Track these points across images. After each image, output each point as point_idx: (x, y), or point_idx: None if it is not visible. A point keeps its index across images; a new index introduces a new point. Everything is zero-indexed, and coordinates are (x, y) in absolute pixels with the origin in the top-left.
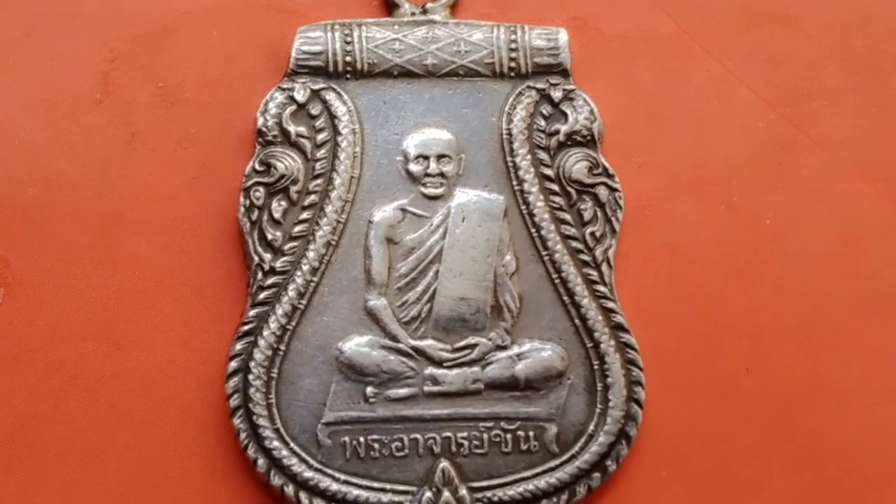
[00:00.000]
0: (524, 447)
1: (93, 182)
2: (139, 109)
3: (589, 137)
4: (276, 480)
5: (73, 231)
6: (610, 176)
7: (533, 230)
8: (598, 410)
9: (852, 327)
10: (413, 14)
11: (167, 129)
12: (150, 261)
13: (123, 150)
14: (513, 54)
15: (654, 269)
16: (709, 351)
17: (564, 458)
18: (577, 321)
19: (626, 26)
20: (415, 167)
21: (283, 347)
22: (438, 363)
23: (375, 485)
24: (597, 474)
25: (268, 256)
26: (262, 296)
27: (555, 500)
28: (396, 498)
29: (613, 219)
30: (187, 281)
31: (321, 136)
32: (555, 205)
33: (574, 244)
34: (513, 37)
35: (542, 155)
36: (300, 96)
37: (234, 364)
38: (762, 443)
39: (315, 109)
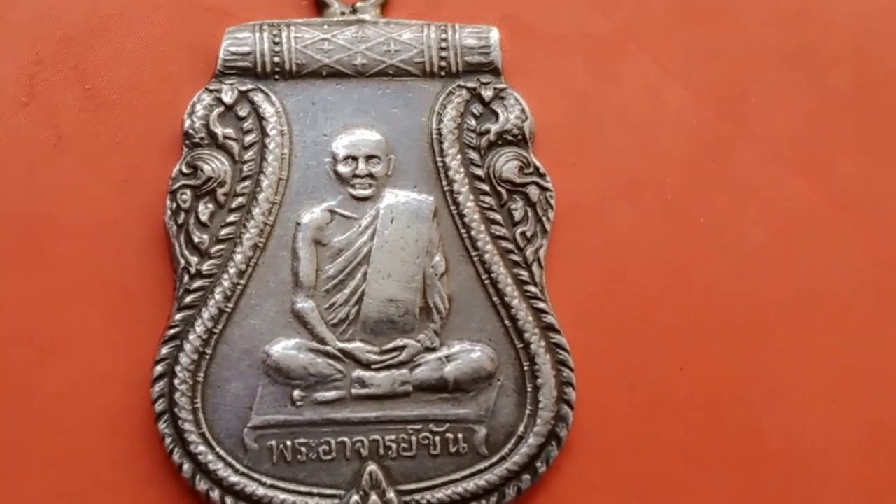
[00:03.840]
0: (453, 449)
1: (18, 185)
2: (66, 112)
3: (520, 137)
4: (202, 485)
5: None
6: (541, 175)
7: (463, 230)
8: (528, 412)
9: (787, 326)
10: (343, 14)
11: (94, 131)
12: (76, 265)
13: (50, 152)
14: (443, 53)
15: (587, 269)
16: (642, 351)
17: (494, 459)
18: (507, 322)
19: (559, 24)
20: (343, 168)
21: (209, 351)
22: (366, 365)
23: (302, 489)
24: (526, 476)
25: (194, 260)
26: (188, 299)
27: (484, 502)
28: (323, 502)
29: (544, 218)
30: (114, 285)
31: (249, 138)
32: (485, 205)
33: (504, 244)
34: (443, 35)
35: (473, 154)
36: (228, 98)
37: (159, 368)
38: (695, 443)
39: (243, 111)
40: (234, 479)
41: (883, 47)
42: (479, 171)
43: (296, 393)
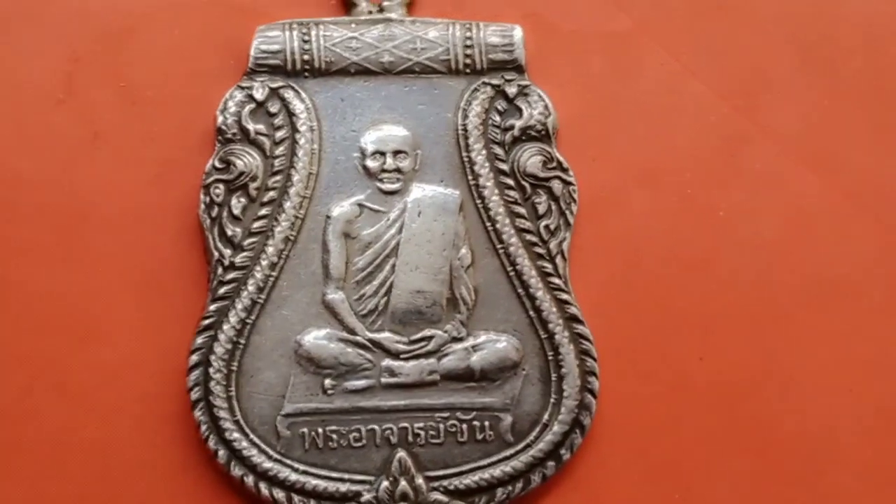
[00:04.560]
0: (480, 437)
1: (56, 180)
2: (102, 109)
3: (543, 132)
4: (237, 471)
5: (37, 229)
6: (564, 170)
7: (488, 224)
8: (552, 400)
9: (803, 316)
10: (370, 12)
11: (129, 127)
12: (113, 257)
13: (86, 148)
14: (468, 51)
15: (608, 260)
16: (662, 341)
17: (519, 447)
18: (531, 313)
19: (580, 21)
20: (371, 163)
21: (242, 341)
22: (395, 355)
23: (334, 475)
24: (551, 463)
25: (227, 252)
26: (221, 290)
27: (510, 488)
28: (354, 487)
29: (567, 212)
30: (149, 277)
31: (280, 134)
32: (510, 199)
33: (529, 237)
34: (468, 34)
35: (498, 150)
36: (259, 94)
37: (194, 358)
38: (714, 430)
39: (274, 107)
40: (267, 465)
41: (894, 41)
42: (504, 166)
43: (327, 382)
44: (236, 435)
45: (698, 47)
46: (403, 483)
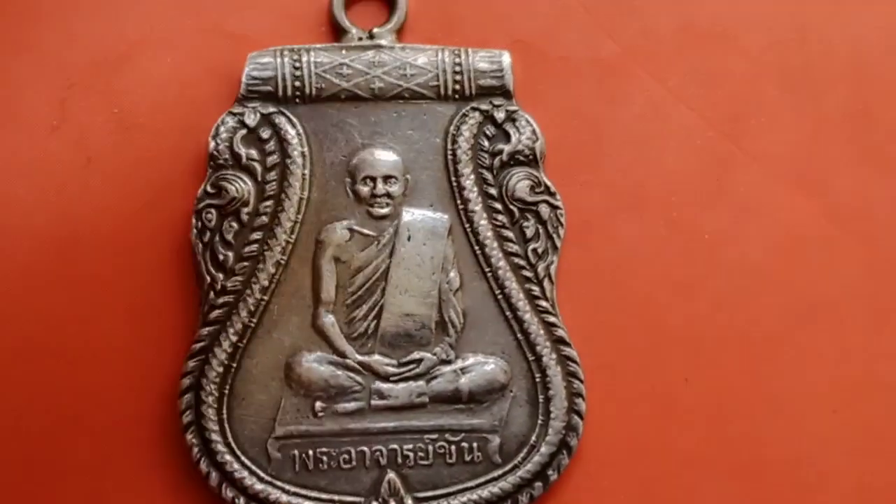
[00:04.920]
0: (468, 458)
1: (49, 205)
2: (95, 135)
3: (531, 157)
4: (228, 493)
5: (31, 253)
6: (552, 194)
7: (477, 248)
8: (539, 422)
9: (789, 339)
10: (360, 39)
11: (122, 153)
12: (105, 281)
13: (79, 174)
14: (457, 77)
15: (595, 283)
16: (648, 363)
17: (507, 468)
18: (519, 335)
19: (568, 48)
20: (362, 188)
21: (234, 364)
22: (385, 378)
23: (324, 496)
24: (539, 484)
25: (219, 276)
26: (213, 315)
27: None
28: None
29: (555, 235)
30: (141, 301)
31: (271, 159)
32: (498, 223)
33: (517, 261)
34: (457, 60)
35: (486, 174)
36: (250, 121)
37: (186, 381)
38: (700, 451)
39: (265, 133)
40: (258, 486)
41: (879, 68)
42: (493, 191)
43: (317, 404)
44: (228, 457)
45: (685, 73)
46: None
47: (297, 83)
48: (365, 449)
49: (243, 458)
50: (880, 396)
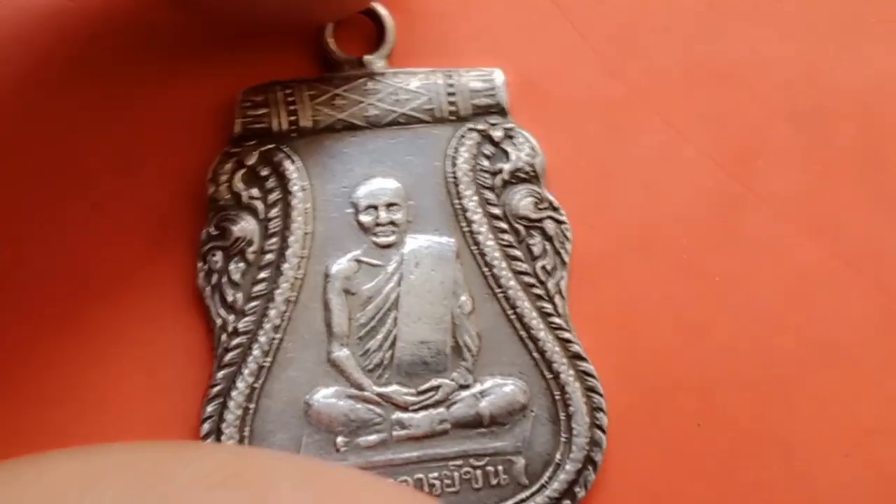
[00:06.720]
0: (494, 482)
1: (54, 250)
2: (98, 179)
3: (532, 173)
4: None
5: (39, 301)
6: (555, 209)
7: (485, 269)
8: (563, 439)
9: (801, 381)
10: (351, 67)
11: (125, 197)
12: (116, 328)
13: (83, 219)
14: (451, 98)
15: (603, 328)
16: (661, 405)
17: (534, 488)
18: (535, 354)
19: (574, 88)
20: (365, 218)
21: (252, 405)
22: (404, 408)
23: None
24: (567, 501)
25: (230, 318)
26: (227, 357)
27: None
28: None
29: (562, 251)
30: (153, 347)
31: (272, 196)
32: (504, 242)
33: (526, 279)
34: (450, 81)
35: (489, 194)
36: (248, 159)
37: (206, 426)
38: (720, 466)
39: (264, 170)
40: None
41: (887, 108)
42: (496, 210)
43: (339, 440)
44: None
45: (693, 114)
46: None
47: (293, 117)
48: (390, 480)
49: None
50: (892, 441)
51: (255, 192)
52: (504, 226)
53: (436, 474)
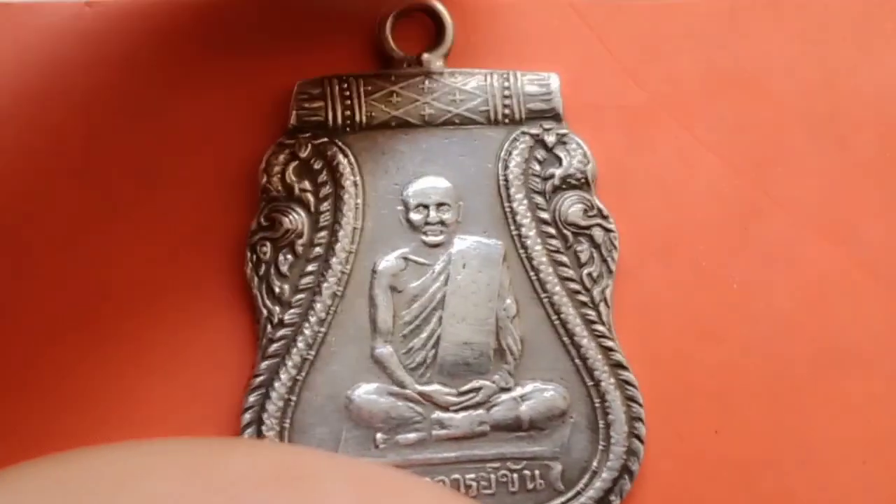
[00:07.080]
0: (530, 486)
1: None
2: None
3: (583, 180)
4: None
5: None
6: (605, 217)
7: (532, 273)
8: (600, 447)
9: (818, 388)
10: (408, 65)
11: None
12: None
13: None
14: (506, 101)
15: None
16: (678, 413)
17: (570, 494)
18: (577, 361)
19: (595, 95)
20: (415, 216)
21: (294, 398)
22: (445, 408)
23: None
24: None
25: (276, 309)
26: (271, 348)
27: None
28: None
29: (609, 259)
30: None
31: (324, 190)
32: (552, 247)
33: (572, 285)
34: (506, 84)
35: (539, 199)
36: (302, 151)
37: (247, 416)
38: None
39: (317, 164)
40: None
41: None
42: (546, 215)
43: (378, 436)
44: None
45: (712, 120)
46: None
47: (348, 112)
48: (427, 479)
49: None
50: None
51: (306, 184)
52: (552, 231)
53: (473, 475)
